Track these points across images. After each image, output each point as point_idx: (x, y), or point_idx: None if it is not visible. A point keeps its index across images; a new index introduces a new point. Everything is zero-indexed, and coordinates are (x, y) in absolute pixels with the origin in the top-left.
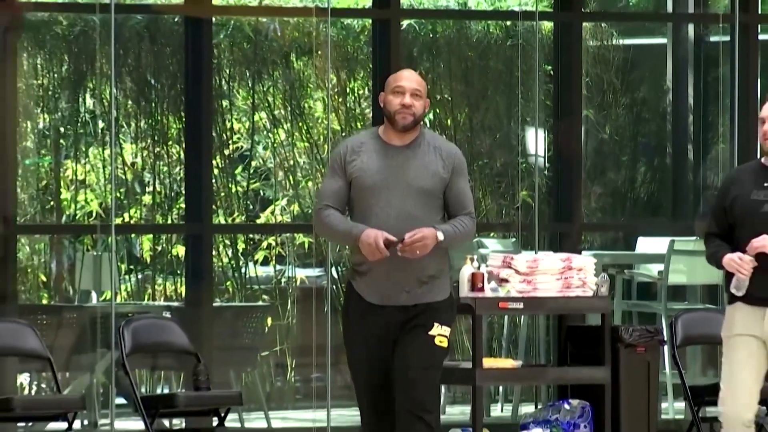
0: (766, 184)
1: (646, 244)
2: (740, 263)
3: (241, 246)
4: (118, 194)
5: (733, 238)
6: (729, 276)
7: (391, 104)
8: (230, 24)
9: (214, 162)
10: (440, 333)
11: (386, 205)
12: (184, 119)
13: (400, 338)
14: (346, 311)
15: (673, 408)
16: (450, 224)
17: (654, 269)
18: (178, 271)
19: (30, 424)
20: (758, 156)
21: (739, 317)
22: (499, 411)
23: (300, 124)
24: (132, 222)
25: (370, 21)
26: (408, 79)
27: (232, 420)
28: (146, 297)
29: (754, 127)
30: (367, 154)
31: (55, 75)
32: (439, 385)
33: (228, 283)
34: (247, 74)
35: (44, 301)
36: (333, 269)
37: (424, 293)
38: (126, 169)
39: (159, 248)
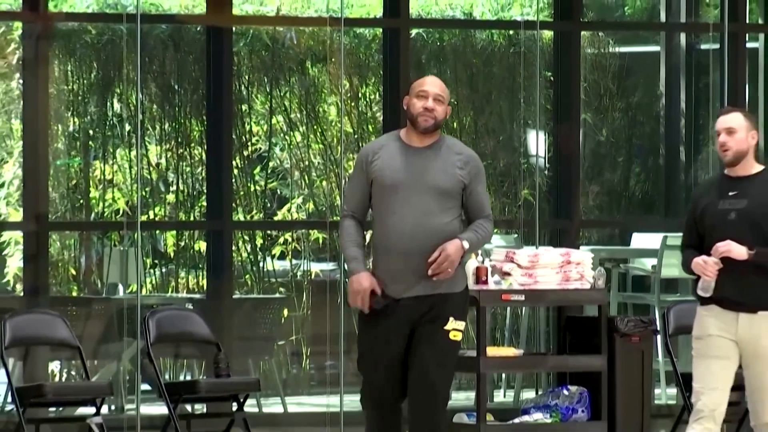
0: (730, 194)
1: (641, 240)
2: (704, 265)
3: (259, 241)
4: (143, 193)
5: (703, 243)
6: (698, 279)
7: (415, 107)
8: (249, 33)
9: (234, 162)
10: (455, 327)
11: (405, 204)
12: (205, 122)
13: (417, 332)
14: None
15: (665, 394)
16: (472, 231)
17: (648, 263)
18: (200, 265)
19: (60, 408)
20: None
21: (714, 320)
22: (501, 396)
23: (315, 126)
24: (156, 219)
25: (381, 30)
26: (432, 84)
27: (250, 405)
28: (170, 289)
29: None
30: (388, 155)
31: (85, 81)
32: (451, 378)
33: (247, 276)
34: (265, 80)
35: (74, 294)
36: (345, 264)
37: (441, 282)
38: (151, 169)
39: (182, 244)
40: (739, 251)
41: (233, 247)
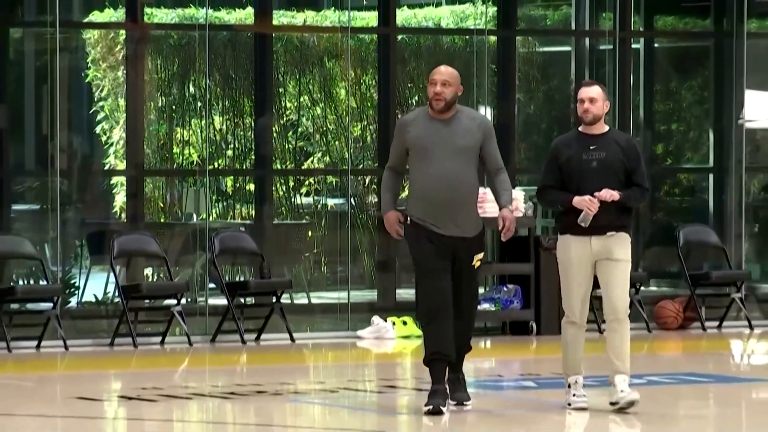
0: (591, 148)
1: None
2: (590, 203)
3: (291, 183)
4: (210, 149)
5: (565, 188)
6: (561, 214)
7: (429, 92)
8: (284, 37)
9: (273, 128)
10: (478, 259)
11: (435, 163)
12: (253, 100)
13: (458, 264)
14: (408, 231)
15: None
16: (503, 191)
17: None
18: (250, 200)
19: (152, 301)
20: (576, 127)
21: (572, 245)
22: None
23: (330, 103)
24: (219, 168)
25: (376, 36)
26: (439, 72)
27: (285, 299)
28: (228, 217)
29: (628, 106)
30: (419, 126)
31: (169, 71)
32: (478, 285)
33: (282, 208)
34: (295, 71)
35: (161, 220)
36: (351, 199)
37: (470, 228)
38: (215, 132)
39: (237, 185)
40: (613, 195)
41: (273, 188)
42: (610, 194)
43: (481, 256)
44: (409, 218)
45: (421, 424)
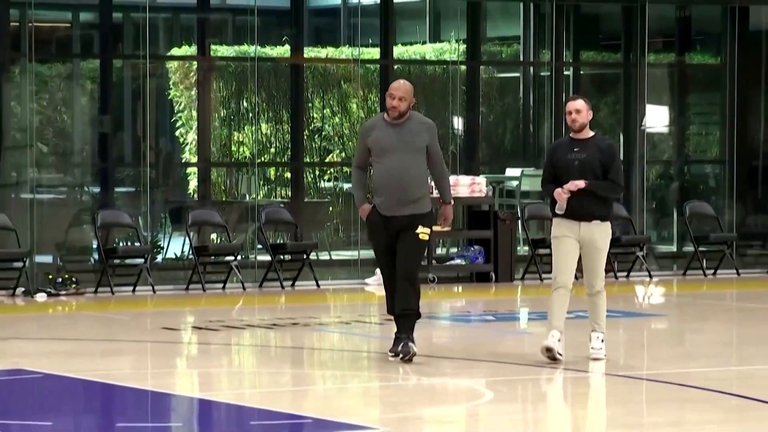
0: (575, 149)
1: (510, 171)
2: (560, 193)
3: (317, 172)
4: (258, 148)
5: (557, 180)
6: (552, 203)
7: (387, 104)
8: (312, 66)
9: (304, 132)
10: (422, 231)
11: (392, 160)
12: (290, 112)
13: (401, 235)
14: (369, 218)
15: (523, 249)
16: (444, 187)
17: (513, 183)
18: (287, 185)
19: (216, 257)
20: (569, 133)
21: (563, 226)
22: (441, 251)
23: (345, 114)
24: (265, 161)
25: (378, 65)
26: (396, 88)
27: (313, 256)
28: (272, 197)
29: (561, 118)
30: (378, 130)
31: (228, 91)
32: (420, 255)
33: (311, 190)
34: (320, 91)
35: (223, 198)
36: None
37: (415, 208)
38: (262, 135)
39: (278, 173)
40: (578, 184)
41: (304, 175)
42: (574, 185)
43: (427, 230)
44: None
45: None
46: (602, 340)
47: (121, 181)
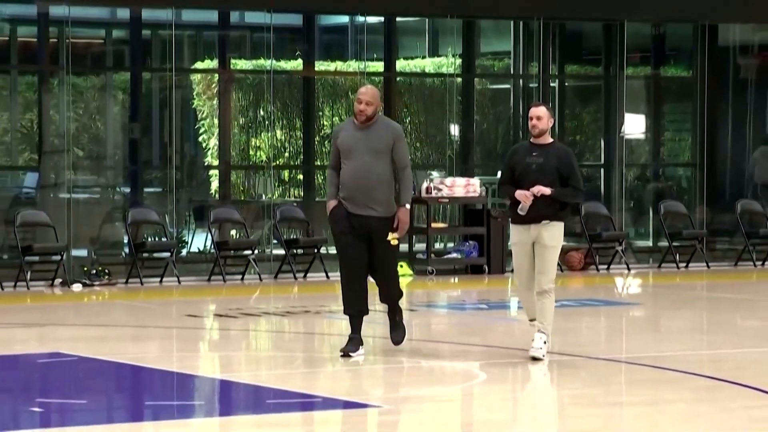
0: (534, 154)
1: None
2: (525, 197)
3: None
4: (273, 152)
5: (515, 184)
6: (511, 205)
7: (354, 108)
8: (322, 79)
9: (315, 138)
10: (392, 237)
11: (357, 161)
12: (302, 120)
13: (374, 246)
14: (333, 210)
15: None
16: (404, 191)
17: None
18: (300, 185)
19: (235, 251)
20: (529, 138)
21: (517, 232)
22: (438, 246)
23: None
24: (279, 164)
25: (383, 78)
26: (364, 93)
27: (323, 250)
28: (286, 196)
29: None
30: (346, 132)
31: (246, 101)
32: (396, 265)
33: (321, 191)
34: (330, 101)
35: (242, 198)
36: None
37: (381, 211)
38: (277, 141)
39: (291, 175)
40: (544, 191)
41: (314, 177)
42: (539, 189)
43: (396, 235)
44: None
45: (412, 326)
46: (545, 341)
47: (150, 182)
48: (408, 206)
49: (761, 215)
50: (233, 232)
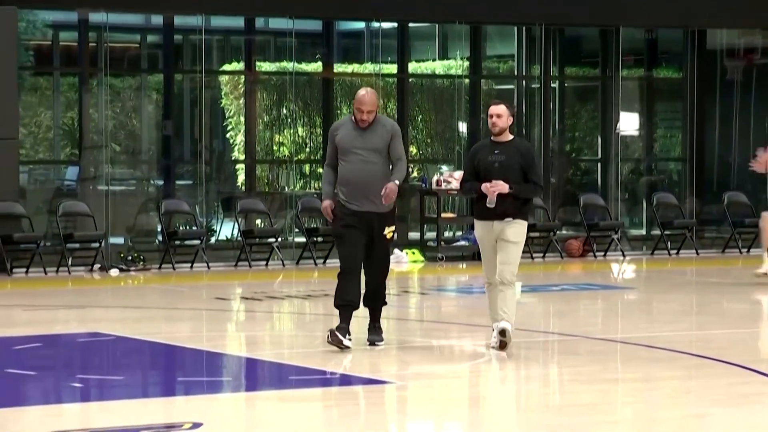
0: (496, 152)
1: None
2: (488, 189)
3: None
4: (295, 147)
5: (478, 180)
6: (476, 200)
7: (356, 115)
8: (340, 79)
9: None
10: (388, 231)
11: (356, 159)
12: (321, 117)
13: (373, 235)
14: (332, 211)
15: None
16: (397, 170)
17: None
18: (320, 178)
19: (260, 239)
20: (491, 136)
21: (480, 228)
22: (448, 234)
23: None
24: (301, 158)
25: (396, 79)
26: (365, 104)
27: None
28: (307, 188)
29: (549, 122)
30: (344, 131)
31: (270, 100)
32: (389, 259)
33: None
34: (347, 100)
35: (266, 190)
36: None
37: (378, 206)
38: (299, 137)
39: (312, 169)
40: (504, 188)
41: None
42: (501, 186)
43: (393, 228)
44: (338, 200)
45: (423, 309)
46: (509, 329)
47: (181, 175)
48: (398, 182)
49: (746, 206)
50: (258, 221)
